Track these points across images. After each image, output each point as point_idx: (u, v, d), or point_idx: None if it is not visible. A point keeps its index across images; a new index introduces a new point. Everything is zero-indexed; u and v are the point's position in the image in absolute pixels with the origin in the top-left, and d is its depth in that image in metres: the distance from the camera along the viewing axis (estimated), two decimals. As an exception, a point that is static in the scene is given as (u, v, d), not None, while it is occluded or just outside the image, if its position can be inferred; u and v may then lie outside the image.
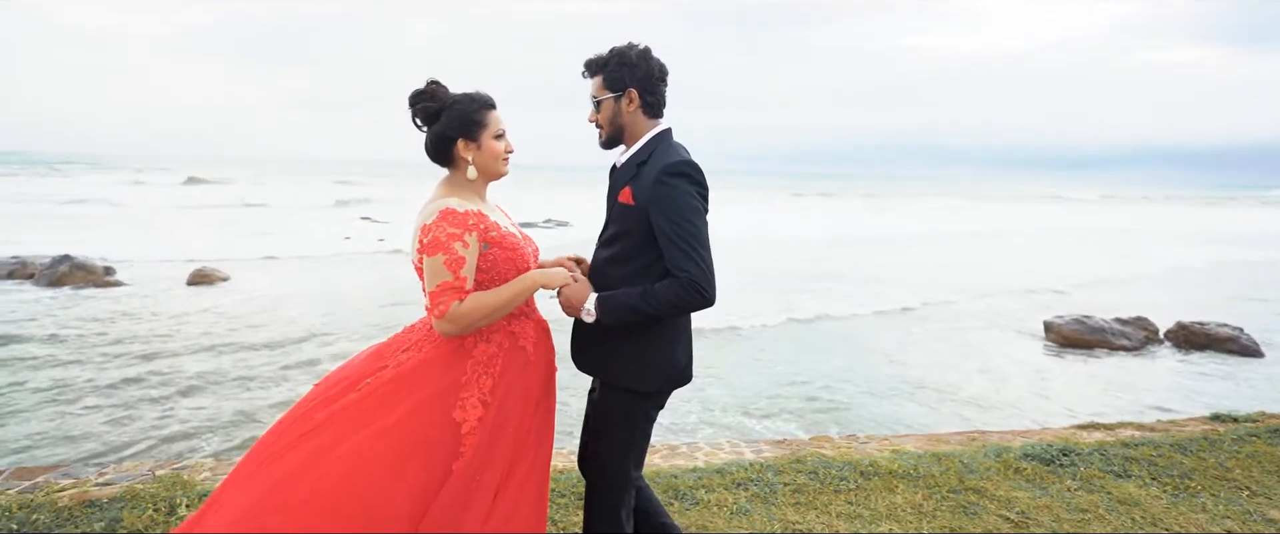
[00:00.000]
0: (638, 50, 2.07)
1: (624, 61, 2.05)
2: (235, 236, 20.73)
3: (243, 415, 7.28)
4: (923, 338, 10.86)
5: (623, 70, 2.05)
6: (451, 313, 1.87)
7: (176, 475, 3.35)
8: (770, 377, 8.63)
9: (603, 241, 2.15)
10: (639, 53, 2.06)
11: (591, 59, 2.10)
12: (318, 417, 1.84)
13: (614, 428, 2.12)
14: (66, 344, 9.51)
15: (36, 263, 13.97)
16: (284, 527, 1.67)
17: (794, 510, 3.26)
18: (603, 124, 2.12)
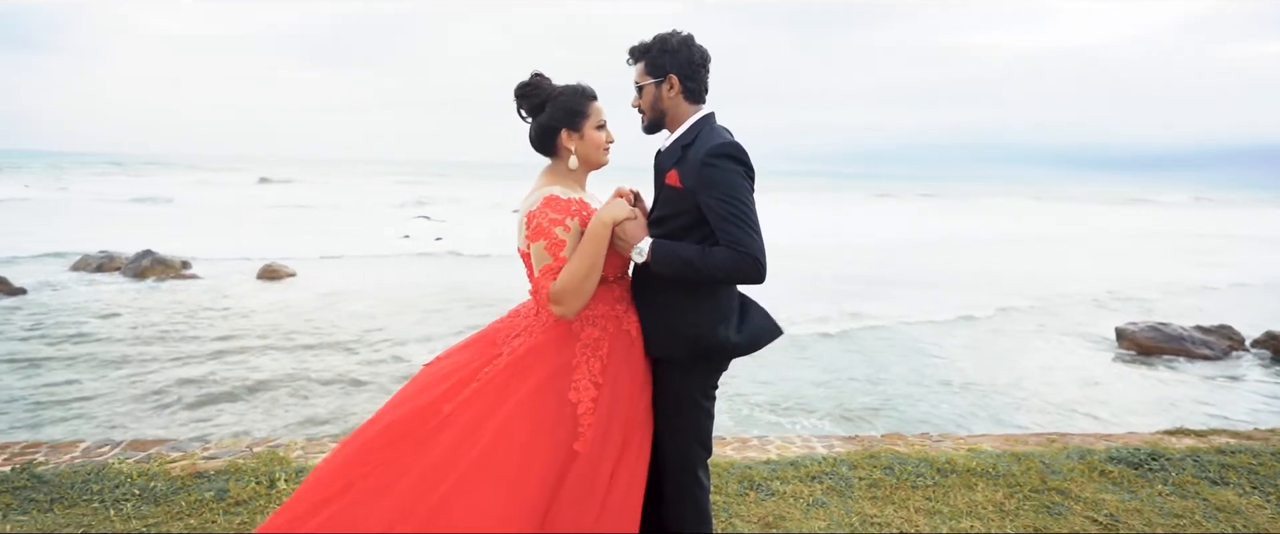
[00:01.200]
0: (679, 37, 2.10)
1: (666, 48, 2.09)
2: (301, 235, 21.51)
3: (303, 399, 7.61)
4: (986, 344, 10.53)
5: (664, 56, 2.09)
6: (552, 293, 1.92)
7: (273, 452, 3.52)
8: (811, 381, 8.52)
9: (650, 224, 2.17)
10: (681, 39, 2.09)
11: (635, 45, 2.14)
12: (445, 409, 1.91)
13: (672, 407, 2.11)
14: (150, 330, 10.05)
15: (122, 257, 14.79)
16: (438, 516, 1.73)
17: (871, 504, 3.22)
18: (644, 109, 2.15)
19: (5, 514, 2.84)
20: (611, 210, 1.98)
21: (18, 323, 10.22)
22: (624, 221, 1.99)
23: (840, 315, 11.95)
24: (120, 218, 25.04)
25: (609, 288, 2.08)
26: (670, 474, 2.15)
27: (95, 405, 7.25)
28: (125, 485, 3.08)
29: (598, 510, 1.92)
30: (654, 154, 2.22)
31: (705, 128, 2.09)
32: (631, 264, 2.12)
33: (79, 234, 18.89)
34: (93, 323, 10.40)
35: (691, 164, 2.02)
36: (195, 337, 9.83)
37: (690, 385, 2.09)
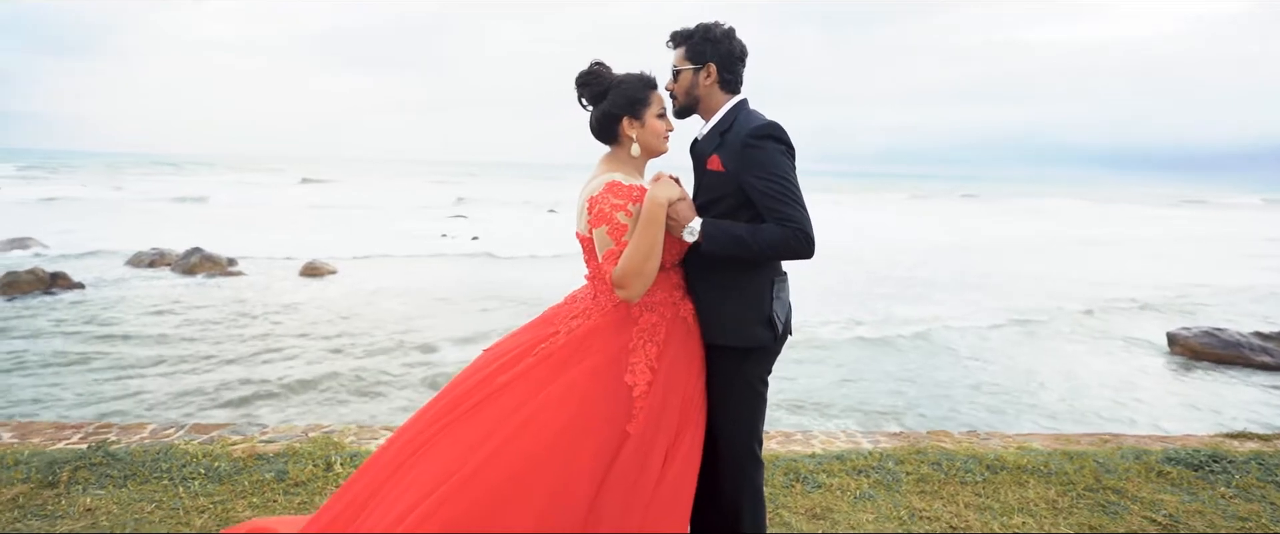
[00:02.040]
0: (722, 28, 2.13)
1: (708, 36, 2.12)
2: (342, 233, 21.98)
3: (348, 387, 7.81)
4: (1028, 350, 10.30)
5: (706, 45, 2.12)
6: (615, 277, 1.95)
7: (327, 437, 3.63)
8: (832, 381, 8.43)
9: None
10: (723, 31, 2.12)
11: (677, 31, 2.17)
12: (500, 380, 1.96)
13: (725, 393, 2.13)
14: (199, 324, 10.41)
15: (173, 254, 15.30)
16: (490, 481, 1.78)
17: (919, 498, 3.19)
18: (677, 93, 2.18)
19: (85, 488, 2.98)
20: (665, 190, 2.00)
21: (78, 315, 10.66)
22: (675, 203, 2.02)
23: (873, 318, 11.76)
24: (170, 216, 25.89)
25: (667, 275, 2.10)
26: (727, 460, 2.16)
27: (152, 393, 7.53)
28: (191, 465, 3.20)
29: (650, 492, 1.94)
30: (690, 144, 2.25)
31: (741, 112, 2.12)
32: (683, 253, 2.15)
33: (132, 232, 19.58)
34: (146, 316, 10.80)
35: (732, 147, 2.04)
36: (241, 331, 10.16)
37: (746, 371, 2.11)
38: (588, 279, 2.16)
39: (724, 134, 2.09)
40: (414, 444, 1.93)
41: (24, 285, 12.09)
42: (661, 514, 1.95)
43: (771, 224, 1.97)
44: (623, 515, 1.88)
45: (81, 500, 2.88)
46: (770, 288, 2.10)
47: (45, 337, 9.55)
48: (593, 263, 2.12)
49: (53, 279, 12.39)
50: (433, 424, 1.95)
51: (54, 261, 14.76)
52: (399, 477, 1.87)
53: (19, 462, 3.14)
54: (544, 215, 31.31)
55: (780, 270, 2.17)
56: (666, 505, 1.95)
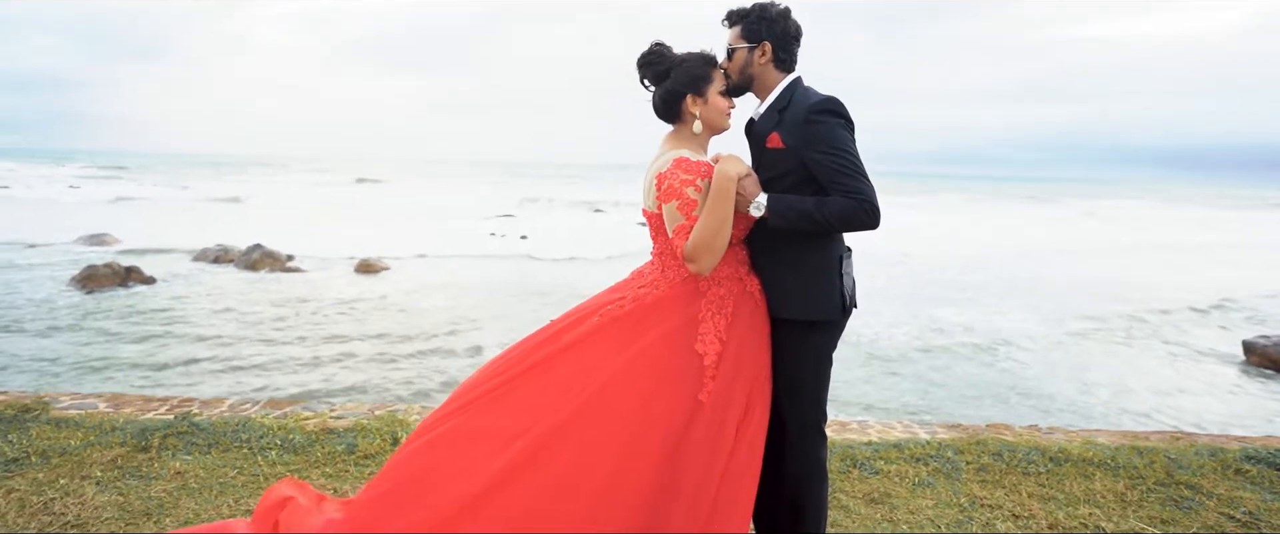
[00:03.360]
0: (778, 8, 2.15)
1: (764, 16, 2.14)
2: (395, 232, 22.55)
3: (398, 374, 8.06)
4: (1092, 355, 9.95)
5: (762, 24, 2.14)
6: (686, 251, 1.99)
7: (392, 414, 3.76)
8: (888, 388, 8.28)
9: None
10: (779, 10, 2.15)
11: (733, 10, 2.20)
12: (566, 339, 2.02)
13: (792, 367, 2.14)
14: (261, 315, 10.85)
15: (236, 250, 15.93)
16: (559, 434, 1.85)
17: (979, 487, 3.15)
18: (733, 72, 2.20)
19: (174, 453, 3.16)
20: (733, 166, 2.03)
21: (150, 307, 11.22)
22: (742, 178, 2.06)
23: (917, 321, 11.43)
24: (232, 214, 26.96)
25: (734, 251, 2.14)
26: (793, 434, 2.18)
27: (220, 379, 7.90)
28: (268, 436, 3.37)
29: (725, 463, 1.98)
30: (745, 124, 2.27)
31: (797, 90, 2.14)
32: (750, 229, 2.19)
33: (197, 229, 20.44)
34: (213, 309, 11.30)
35: (792, 124, 2.07)
36: (301, 322, 10.56)
37: (813, 345, 2.13)
38: (655, 255, 2.21)
39: (783, 112, 2.11)
40: (479, 403, 2.00)
41: (102, 279, 12.74)
42: (735, 486, 1.98)
43: (837, 197, 1.99)
44: (700, 486, 1.92)
45: (171, 464, 3.06)
46: (838, 263, 2.12)
47: (122, 326, 10.09)
48: (660, 238, 2.16)
49: (127, 273, 13.04)
50: (498, 383, 2.01)
51: (128, 257, 15.51)
52: (469, 433, 1.93)
53: (115, 428, 3.34)
54: (590, 215, 31.56)
55: (846, 246, 2.19)
56: (738, 477, 1.99)
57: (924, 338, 10.51)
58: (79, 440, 3.21)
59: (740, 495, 1.98)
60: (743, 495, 1.99)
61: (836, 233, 2.11)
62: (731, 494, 1.96)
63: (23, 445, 3.14)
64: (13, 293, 12.03)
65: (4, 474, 2.91)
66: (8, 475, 2.90)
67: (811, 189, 2.06)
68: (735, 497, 1.97)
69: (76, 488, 2.82)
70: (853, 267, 2.21)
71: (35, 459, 3.03)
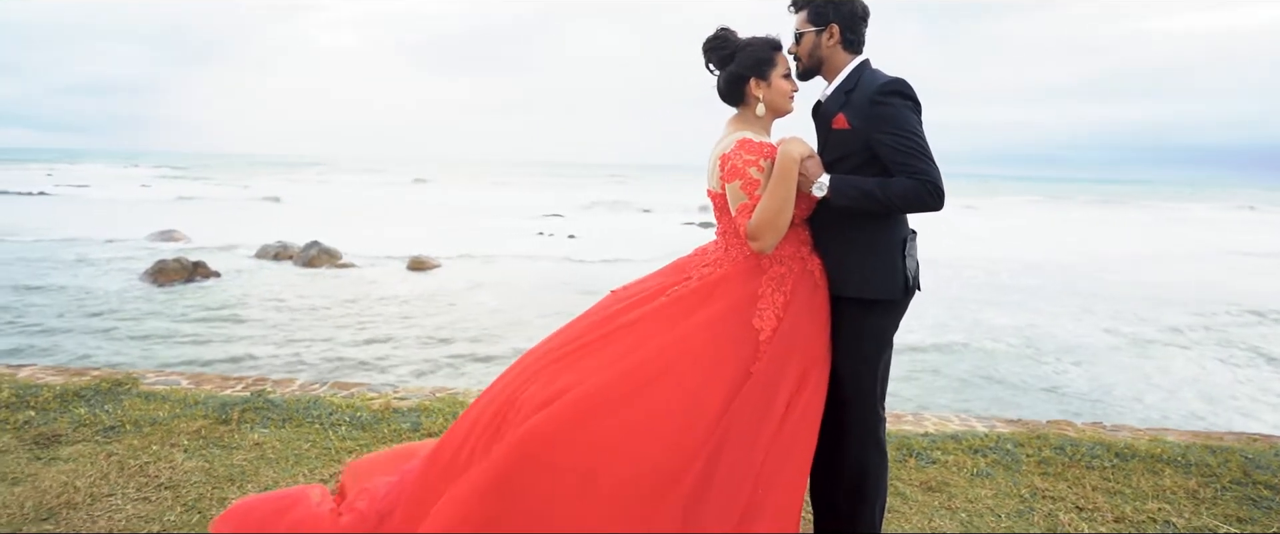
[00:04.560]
0: None
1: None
2: (446, 230, 23.05)
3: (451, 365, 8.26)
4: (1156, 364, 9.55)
5: (828, 7, 2.15)
6: (749, 229, 2.04)
7: (453, 396, 3.89)
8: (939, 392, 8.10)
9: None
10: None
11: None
12: (632, 314, 2.09)
13: (852, 345, 2.15)
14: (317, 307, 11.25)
15: (294, 247, 16.52)
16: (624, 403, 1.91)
17: (1041, 479, 3.09)
18: (801, 56, 2.22)
19: (252, 426, 3.34)
20: (796, 147, 2.07)
21: (216, 300, 11.75)
22: (805, 159, 2.09)
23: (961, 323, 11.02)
24: (292, 212, 27.93)
25: (796, 231, 2.17)
26: (852, 415, 2.19)
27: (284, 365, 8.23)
28: (337, 413, 3.52)
29: (773, 434, 2.00)
30: (812, 107, 2.30)
31: (865, 72, 2.16)
32: (812, 210, 2.21)
33: (259, 226, 21.25)
34: (272, 301, 11.77)
35: (859, 105, 2.08)
36: (354, 315, 10.93)
37: (874, 324, 2.14)
38: (718, 234, 2.25)
39: (849, 93, 2.13)
40: (547, 373, 2.07)
41: (171, 273, 13.39)
42: (782, 458, 2.01)
43: (901, 178, 2.00)
44: (746, 453, 1.96)
45: (250, 436, 3.23)
46: (902, 244, 2.14)
47: (191, 316, 10.60)
48: (723, 218, 2.21)
49: (194, 268, 13.66)
50: (564, 347, 2.09)
51: (194, 253, 16.24)
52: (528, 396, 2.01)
53: (197, 402, 3.55)
54: (638, 216, 31.69)
55: (910, 229, 2.20)
56: (787, 450, 2.01)
57: (971, 339, 10.25)
58: (166, 412, 3.41)
59: (789, 466, 2.00)
60: (792, 467, 2.01)
61: (899, 213, 2.12)
62: (779, 463, 1.98)
63: (118, 415, 3.36)
64: (92, 284, 12.74)
65: (104, 440, 3.12)
66: (107, 441, 3.11)
67: (876, 171, 2.08)
68: (783, 467, 1.99)
69: (167, 454, 3.01)
70: (917, 249, 2.21)
71: (129, 427, 3.24)
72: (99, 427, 3.24)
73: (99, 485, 2.72)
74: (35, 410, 3.38)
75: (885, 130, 2.02)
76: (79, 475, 2.79)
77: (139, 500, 2.64)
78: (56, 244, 17.34)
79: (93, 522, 2.49)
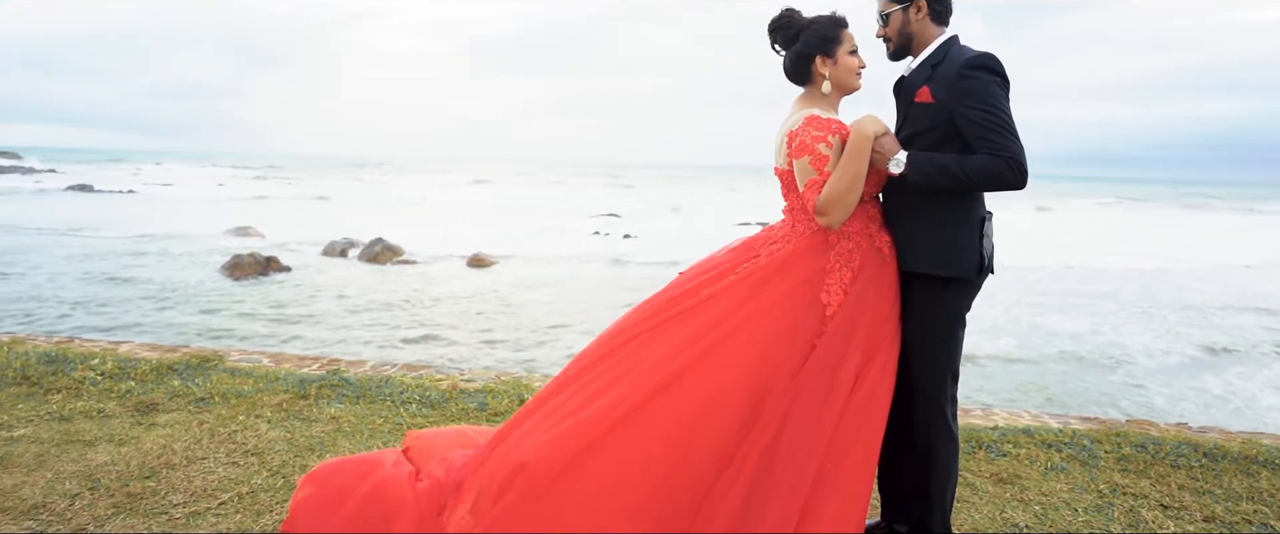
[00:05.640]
0: None
1: None
2: (505, 229, 23.50)
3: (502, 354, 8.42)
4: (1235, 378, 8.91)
5: None
6: (818, 205, 2.03)
7: (516, 379, 3.98)
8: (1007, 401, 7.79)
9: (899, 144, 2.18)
10: None
11: None
12: (704, 293, 2.11)
13: (923, 324, 2.11)
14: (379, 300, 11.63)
15: (359, 243, 17.12)
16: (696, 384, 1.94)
17: (1121, 476, 2.97)
18: (891, 36, 2.18)
19: (329, 401, 3.50)
20: (870, 124, 2.05)
21: (287, 292, 12.28)
22: (881, 137, 2.07)
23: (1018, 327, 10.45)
24: (357, 211, 28.91)
25: (864, 207, 2.15)
26: (922, 394, 2.15)
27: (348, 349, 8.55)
28: (407, 392, 3.65)
29: (840, 409, 1.99)
30: (894, 82, 2.27)
31: (953, 46, 2.12)
32: (881, 186, 2.19)
33: (326, 223, 22.10)
34: (339, 293, 12.24)
35: (944, 79, 2.05)
36: (416, 307, 11.27)
37: (946, 302, 2.10)
38: (785, 212, 2.25)
39: (936, 67, 2.10)
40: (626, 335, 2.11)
41: (246, 268, 14.05)
42: (850, 436, 1.99)
43: (981, 154, 1.96)
44: (811, 428, 1.95)
45: (327, 410, 3.38)
46: (979, 224, 2.09)
47: (266, 306, 11.11)
48: (790, 195, 2.21)
49: (267, 263, 14.30)
50: (635, 329, 2.12)
51: (267, 248, 16.99)
52: (605, 373, 2.05)
53: (278, 379, 3.73)
54: (694, 216, 31.63)
55: (987, 209, 2.15)
56: (855, 427, 2.00)
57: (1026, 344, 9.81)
58: (250, 386, 3.61)
59: (857, 445, 1.98)
60: (860, 446, 1.99)
61: (978, 191, 2.07)
62: (846, 441, 1.97)
63: (207, 388, 3.57)
64: (175, 277, 13.49)
65: (196, 409, 3.33)
66: (199, 410, 3.32)
67: (955, 146, 2.04)
68: (851, 445, 1.97)
69: (252, 424, 3.18)
70: (994, 230, 2.16)
71: (218, 399, 3.44)
72: (191, 397, 3.45)
73: (193, 449, 2.90)
74: (135, 381, 3.62)
75: (969, 104, 1.98)
76: (175, 440, 2.98)
77: (229, 464, 2.80)
78: (143, 239, 18.42)
79: (189, 481, 2.65)
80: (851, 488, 1.94)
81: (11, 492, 2.52)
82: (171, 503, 2.49)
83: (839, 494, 1.92)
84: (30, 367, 3.74)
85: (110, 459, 2.78)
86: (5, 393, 3.44)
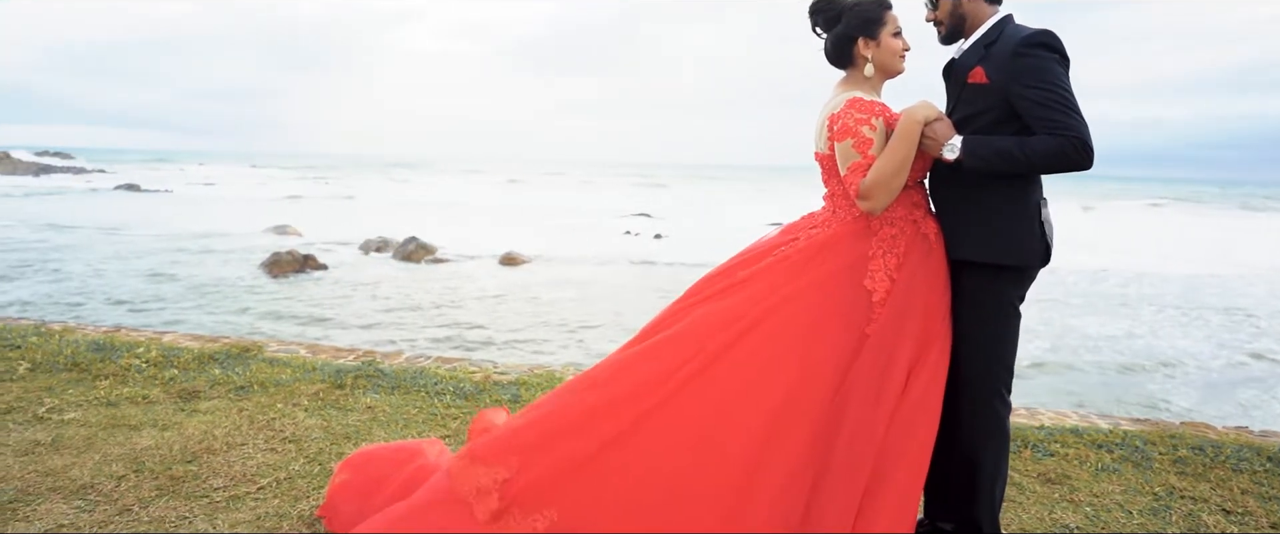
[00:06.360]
0: None
1: None
2: (537, 228, 23.65)
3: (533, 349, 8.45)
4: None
5: None
6: (862, 189, 1.97)
7: (549, 372, 3.98)
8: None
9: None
10: None
11: None
12: (741, 274, 2.07)
13: (975, 314, 2.03)
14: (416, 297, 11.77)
15: (394, 242, 17.35)
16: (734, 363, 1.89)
17: (1178, 478, 2.85)
18: (943, 19, 2.11)
19: (365, 391, 3.54)
20: (921, 109, 1.99)
21: (324, 288, 12.51)
22: (933, 122, 2.00)
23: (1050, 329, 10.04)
24: (391, 210, 29.36)
25: (908, 193, 2.09)
26: (972, 389, 2.07)
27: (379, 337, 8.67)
28: (442, 384, 3.67)
29: (894, 403, 1.93)
30: (944, 65, 2.19)
31: (1007, 25, 2.04)
32: (926, 171, 2.12)
33: (362, 222, 22.45)
34: (372, 290, 12.43)
35: (999, 58, 1.96)
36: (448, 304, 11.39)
37: (1000, 291, 2.02)
38: (826, 199, 2.20)
39: (990, 46, 2.02)
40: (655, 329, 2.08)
41: (284, 265, 14.34)
42: (906, 432, 1.93)
43: (1043, 135, 1.87)
44: (868, 421, 1.89)
45: (363, 400, 3.41)
46: (1036, 209, 2.01)
47: (303, 302, 11.32)
48: (830, 181, 2.15)
49: (305, 260, 14.58)
50: (675, 314, 2.09)
51: (305, 246, 17.32)
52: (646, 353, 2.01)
53: (315, 369, 3.78)
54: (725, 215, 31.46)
55: (1043, 194, 2.07)
56: (910, 423, 1.93)
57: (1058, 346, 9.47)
58: (288, 376, 3.66)
59: (913, 443, 1.92)
60: (915, 444, 1.93)
61: (1041, 173, 1.98)
62: (903, 436, 1.91)
63: (247, 377, 3.63)
64: (217, 273, 13.83)
65: (236, 397, 3.38)
66: (239, 398, 3.37)
67: (1011, 130, 1.96)
68: (907, 442, 1.91)
69: (290, 412, 3.22)
70: (1051, 215, 2.07)
71: (257, 388, 3.49)
72: (231, 385, 3.50)
73: (233, 435, 2.95)
74: (178, 369, 3.70)
75: (1027, 84, 1.89)
76: (216, 426, 3.03)
77: (267, 450, 2.83)
78: (185, 237, 18.92)
79: (229, 466, 2.69)
80: (907, 488, 1.87)
81: (62, 472, 2.59)
82: (212, 486, 2.53)
83: (895, 495, 1.85)
84: (80, 354, 3.85)
85: (154, 443, 2.83)
86: (57, 378, 3.54)
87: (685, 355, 1.92)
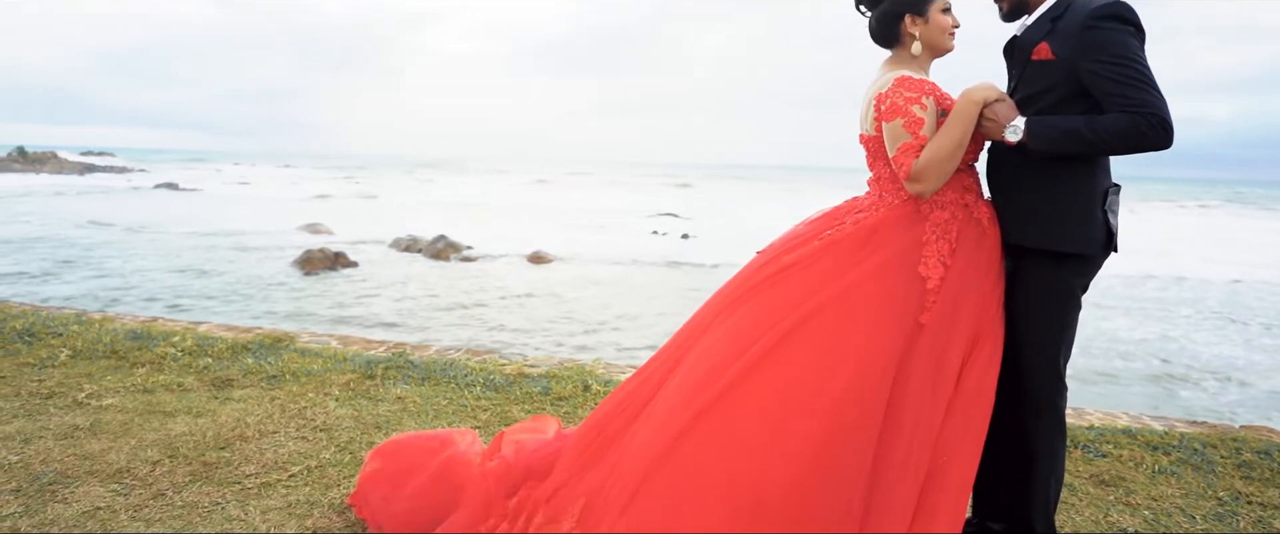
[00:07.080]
0: None
1: None
2: (564, 227, 23.72)
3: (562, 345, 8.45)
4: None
5: None
6: (913, 170, 1.87)
7: (580, 366, 3.93)
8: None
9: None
10: None
11: None
12: (786, 259, 1.98)
13: (1033, 303, 1.93)
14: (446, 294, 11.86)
15: (423, 240, 17.51)
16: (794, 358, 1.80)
17: (1243, 483, 2.70)
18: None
19: (395, 382, 3.52)
20: (981, 90, 1.89)
21: (355, 286, 12.65)
22: (993, 103, 1.90)
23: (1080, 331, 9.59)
24: (421, 209, 29.66)
25: (959, 176, 1.99)
26: (1027, 380, 1.96)
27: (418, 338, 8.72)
28: (472, 376, 3.64)
29: (950, 394, 1.84)
30: (1005, 44, 2.08)
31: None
32: (978, 154, 2.02)
33: (392, 221, 22.70)
34: (402, 287, 12.54)
35: (1067, 32, 1.84)
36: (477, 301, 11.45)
37: (1061, 278, 1.92)
38: (871, 182, 2.11)
39: (1056, 20, 1.90)
40: (705, 322, 2.01)
41: (316, 262, 14.54)
42: (960, 426, 1.83)
43: (1114, 113, 1.75)
44: (925, 413, 1.80)
45: (393, 390, 3.40)
46: (1103, 196, 1.89)
47: (335, 299, 11.46)
48: (876, 164, 2.06)
49: (336, 258, 14.77)
50: (722, 305, 2.01)
51: (336, 244, 17.55)
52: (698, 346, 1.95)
53: (346, 360, 3.78)
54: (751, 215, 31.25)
55: (1113, 179, 1.95)
56: (967, 412, 1.84)
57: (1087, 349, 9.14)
58: (320, 366, 3.66)
59: (969, 434, 1.83)
60: (971, 438, 1.84)
61: (1113, 154, 1.85)
62: (959, 429, 1.82)
63: (279, 366, 3.64)
64: (250, 271, 14.06)
65: (268, 386, 3.39)
66: (271, 388, 3.38)
67: (1080, 109, 1.84)
68: (963, 434, 1.82)
69: (321, 401, 3.21)
70: (1119, 205, 1.96)
71: (289, 377, 3.50)
72: (264, 375, 3.51)
73: (265, 424, 2.94)
74: (212, 358, 3.73)
75: (1098, 58, 1.76)
76: (249, 414, 3.03)
77: (298, 439, 2.82)
78: (220, 235, 19.29)
79: (261, 453, 2.68)
80: (962, 484, 1.78)
81: (99, 456, 2.60)
82: (244, 473, 2.52)
83: (951, 491, 1.76)
84: (118, 342, 3.89)
85: (188, 430, 2.84)
86: (96, 365, 3.59)
87: (739, 349, 1.85)
